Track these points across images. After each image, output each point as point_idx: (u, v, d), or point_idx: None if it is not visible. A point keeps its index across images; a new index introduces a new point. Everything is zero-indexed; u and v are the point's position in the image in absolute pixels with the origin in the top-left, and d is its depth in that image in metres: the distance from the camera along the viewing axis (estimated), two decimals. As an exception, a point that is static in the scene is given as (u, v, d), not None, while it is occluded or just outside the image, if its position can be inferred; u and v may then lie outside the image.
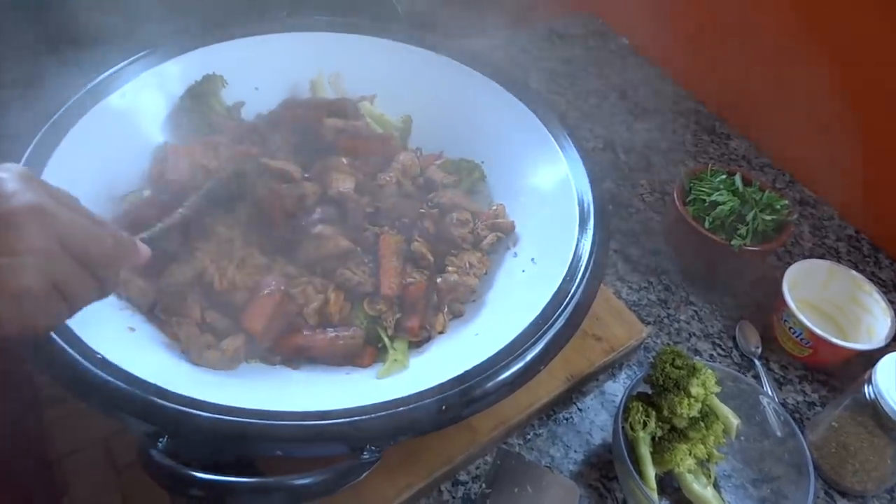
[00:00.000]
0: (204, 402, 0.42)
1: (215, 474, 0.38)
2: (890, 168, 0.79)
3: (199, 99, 0.66)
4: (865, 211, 0.82)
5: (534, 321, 0.49)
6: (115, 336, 0.48)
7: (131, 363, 0.43)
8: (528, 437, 0.59)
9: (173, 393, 0.42)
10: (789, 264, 0.68)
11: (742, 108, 0.93)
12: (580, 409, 0.61)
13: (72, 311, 0.36)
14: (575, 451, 0.58)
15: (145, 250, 0.42)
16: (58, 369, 0.42)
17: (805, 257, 0.74)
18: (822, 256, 0.78)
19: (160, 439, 0.40)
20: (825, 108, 0.82)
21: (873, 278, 0.77)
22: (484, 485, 0.55)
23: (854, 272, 0.69)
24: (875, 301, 0.67)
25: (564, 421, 0.60)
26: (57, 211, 0.35)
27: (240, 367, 0.51)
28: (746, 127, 0.93)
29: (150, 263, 0.43)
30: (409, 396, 0.44)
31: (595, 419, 0.60)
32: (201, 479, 0.38)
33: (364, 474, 0.41)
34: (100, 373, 0.42)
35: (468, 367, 0.46)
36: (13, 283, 0.33)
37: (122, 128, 0.61)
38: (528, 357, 0.47)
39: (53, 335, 0.43)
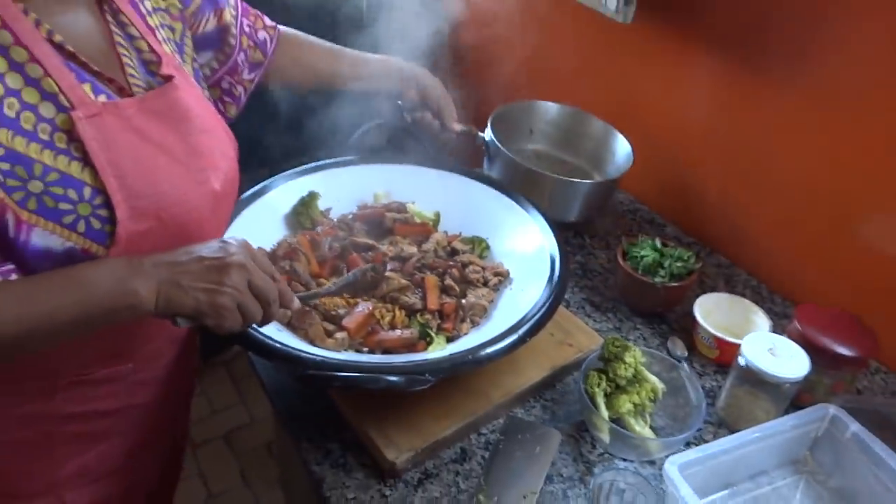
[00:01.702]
0: (329, 357, 0.75)
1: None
2: (777, 238, 1.13)
3: (305, 206, 1.05)
4: (760, 269, 1.16)
5: (516, 322, 0.82)
6: (273, 332, 0.81)
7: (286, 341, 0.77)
8: (527, 406, 0.89)
9: (309, 352, 0.75)
10: (702, 297, 1.01)
11: (674, 201, 1.30)
12: (559, 390, 0.92)
13: (245, 324, 0.67)
14: (557, 414, 0.88)
15: (297, 303, 0.76)
16: (253, 344, 0.76)
17: (721, 299, 1.07)
18: (732, 298, 1.10)
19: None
20: (731, 197, 1.19)
21: (770, 312, 1.08)
22: (498, 433, 0.85)
23: (746, 300, 1.02)
24: (760, 318, 0.99)
25: (550, 397, 0.90)
26: (252, 268, 0.66)
27: (343, 355, 0.84)
28: (677, 217, 1.30)
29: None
30: (446, 355, 0.77)
31: (569, 396, 0.91)
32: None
33: (426, 385, 0.73)
34: (275, 344, 0.76)
35: (479, 342, 0.79)
36: (218, 301, 0.64)
37: (266, 218, 0.98)
38: (508, 340, 0.79)
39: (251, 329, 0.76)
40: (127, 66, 0.70)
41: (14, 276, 0.60)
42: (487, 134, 1.18)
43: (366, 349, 0.85)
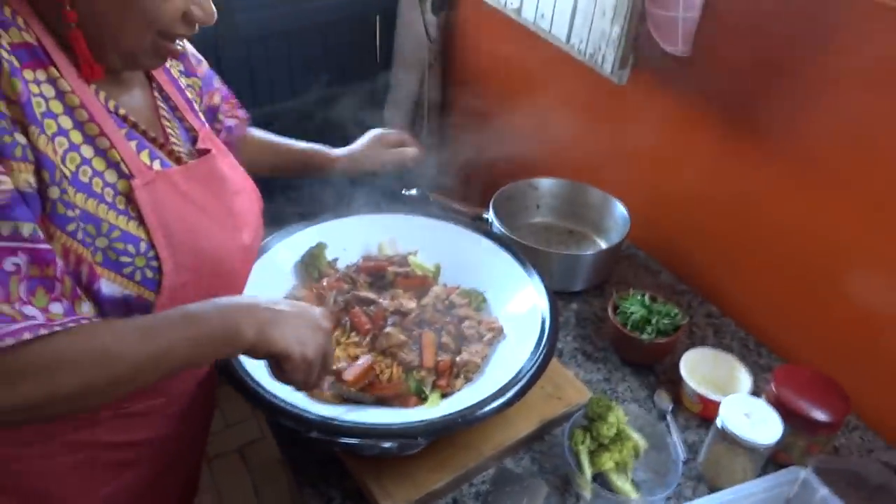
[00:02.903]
0: (335, 418, 0.81)
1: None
2: (764, 293, 1.18)
3: (313, 258, 1.11)
4: (751, 322, 1.21)
5: (506, 383, 0.88)
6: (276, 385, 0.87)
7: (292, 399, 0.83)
8: (516, 458, 0.95)
9: (311, 412, 0.81)
10: (687, 352, 1.06)
11: (668, 251, 1.35)
12: (548, 442, 0.97)
13: (307, 383, 0.75)
14: (545, 466, 0.94)
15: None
16: (262, 402, 0.82)
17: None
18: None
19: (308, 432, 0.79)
20: (721, 251, 1.24)
21: (755, 364, 1.13)
22: (489, 485, 0.91)
23: (731, 356, 1.06)
24: (743, 375, 1.04)
25: (538, 449, 0.96)
26: (328, 338, 0.76)
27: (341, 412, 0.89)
28: (671, 265, 1.35)
29: None
30: (441, 416, 0.83)
31: (557, 448, 0.96)
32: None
33: (417, 449, 0.79)
34: (279, 403, 0.82)
35: (472, 402, 0.85)
36: (306, 354, 0.71)
37: (277, 268, 1.05)
38: (500, 400, 0.85)
39: (260, 387, 0.83)
40: (170, 135, 0.80)
41: (96, 320, 0.66)
42: (490, 215, 1.24)
43: (370, 398, 0.91)
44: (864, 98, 0.96)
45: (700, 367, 1.06)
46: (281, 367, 0.72)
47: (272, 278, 1.04)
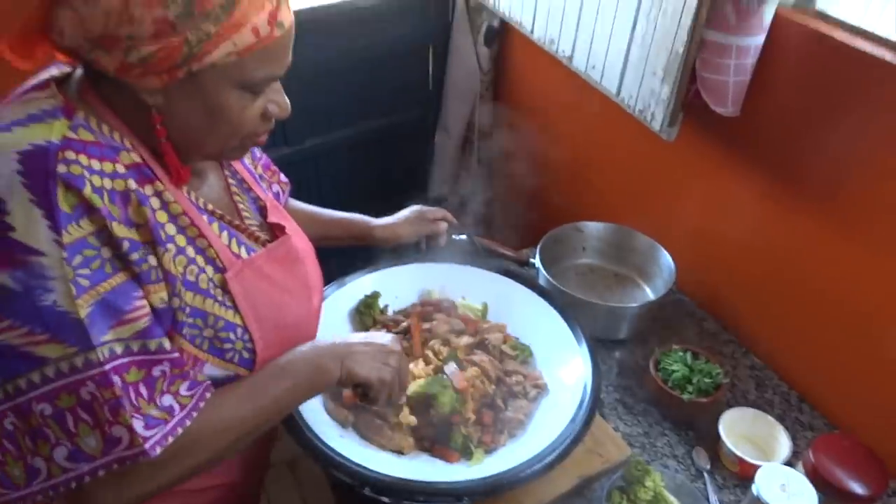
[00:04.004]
0: (387, 474, 0.87)
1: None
2: (807, 347, 1.19)
3: (366, 305, 1.18)
4: (794, 376, 1.22)
5: (550, 444, 0.93)
6: (333, 436, 0.94)
7: (347, 451, 0.90)
8: (556, 512, 1.00)
9: (370, 469, 0.88)
10: (730, 410, 1.09)
11: (713, 300, 1.37)
12: (586, 497, 1.02)
13: (390, 399, 0.87)
14: (583, 522, 0.98)
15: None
16: (316, 451, 0.89)
17: (749, 405, 1.14)
18: (760, 407, 1.15)
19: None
20: (765, 304, 1.25)
21: (795, 421, 1.15)
22: (528, 538, 0.96)
23: (770, 417, 1.08)
24: (783, 437, 1.06)
25: (578, 504, 1.01)
26: (405, 358, 0.86)
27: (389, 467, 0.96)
28: (716, 313, 1.36)
29: None
30: (485, 477, 0.88)
31: (596, 504, 1.01)
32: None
33: (464, 511, 0.85)
34: (334, 456, 0.89)
35: (514, 464, 0.90)
36: (384, 376, 0.83)
37: (334, 315, 1.12)
38: (543, 462, 0.90)
39: (314, 438, 0.90)
40: (242, 211, 0.85)
41: (209, 394, 0.73)
42: (536, 261, 1.28)
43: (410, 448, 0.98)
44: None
45: (739, 426, 1.08)
46: (365, 392, 0.85)
47: (330, 325, 1.11)
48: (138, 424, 0.65)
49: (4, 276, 0.59)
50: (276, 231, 0.88)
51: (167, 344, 0.68)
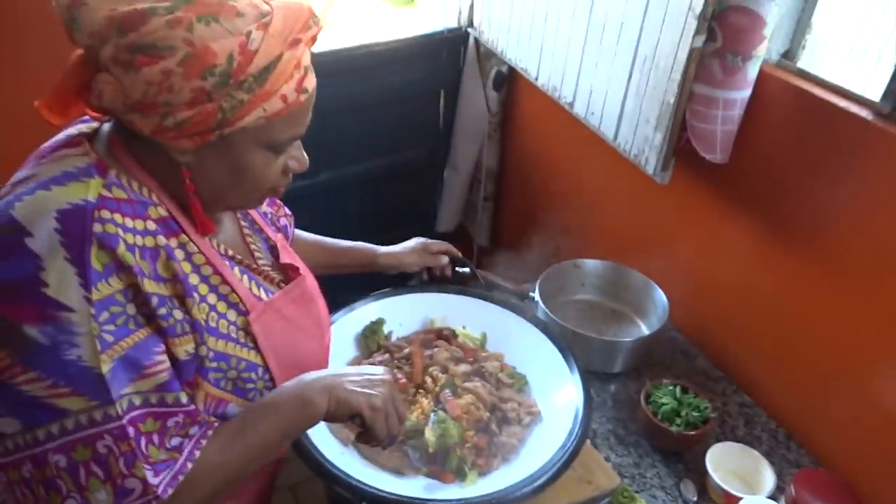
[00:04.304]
0: (384, 490, 0.92)
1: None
2: (795, 386, 1.23)
3: (371, 331, 1.24)
4: (782, 414, 1.26)
5: (539, 468, 0.97)
6: (334, 453, 0.99)
7: (347, 468, 0.95)
8: (545, 536, 1.03)
9: (368, 485, 0.93)
10: (720, 444, 1.13)
11: (705, 338, 1.42)
12: (577, 523, 1.05)
13: (389, 433, 0.83)
14: (572, 547, 1.02)
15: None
16: (317, 465, 0.94)
17: (738, 441, 1.17)
18: (749, 443, 1.19)
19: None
20: (754, 343, 1.30)
21: (782, 458, 1.18)
22: (518, 561, 1.00)
23: (756, 452, 1.12)
24: (767, 472, 1.09)
25: (567, 529, 1.04)
26: (396, 388, 0.85)
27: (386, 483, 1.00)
28: (708, 351, 1.41)
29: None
30: (478, 497, 0.93)
31: (585, 530, 1.04)
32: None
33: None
34: (334, 472, 0.94)
35: (504, 486, 0.94)
36: (375, 403, 0.79)
37: (341, 339, 1.17)
38: (532, 486, 0.94)
39: (316, 453, 0.95)
40: (255, 252, 0.87)
41: (210, 431, 0.73)
42: (536, 295, 1.35)
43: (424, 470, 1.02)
44: (891, 207, 1.02)
45: (727, 461, 1.12)
46: (362, 424, 0.82)
47: (336, 349, 1.17)
48: (150, 474, 0.66)
49: (35, 330, 0.61)
50: (288, 271, 0.90)
51: (184, 398, 0.70)
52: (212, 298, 0.74)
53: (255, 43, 0.63)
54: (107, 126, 0.74)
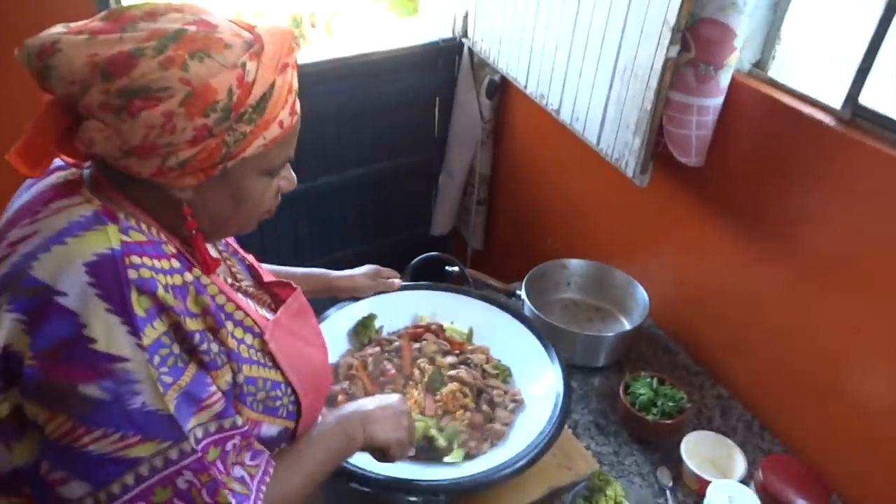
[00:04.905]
0: (372, 471, 0.98)
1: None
2: (769, 380, 1.29)
3: (363, 326, 1.30)
4: (757, 406, 1.31)
5: (520, 452, 1.03)
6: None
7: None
8: (526, 518, 1.09)
9: (357, 466, 0.99)
10: (693, 433, 1.19)
11: (686, 334, 1.47)
12: (556, 506, 1.11)
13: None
14: (551, 528, 1.08)
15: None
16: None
17: (714, 431, 1.23)
18: (725, 433, 1.25)
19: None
20: (732, 338, 1.36)
21: (756, 447, 1.24)
22: (500, 540, 1.05)
23: (729, 440, 1.18)
24: (739, 458, 1.15)
25: (547, 512, 1.10)
26: (410, 418, 0.94)
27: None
28: (688, 346, 1.47)
29: None
30: (462, 477, 0.99)
31: (564, 512, 1.10)
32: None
33: (440, 505, 0.95)
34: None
35: (492, 465, 1.01)
36: (401, 438, 0.89)
37: (334, 333, 1.24)
38: (513, 467, 1.00)
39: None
40: (237, 274, 0.86)
41: (271, 468, 0.76)
42: (522, 293, 1.41)
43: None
44: (861, 207, 1.08)
45: (702, 449, 1.18)
46: (383, 452, 0.91)
47: (330, 344, 1.23)
48: (231, 498, 0.67)
49: (92, 388, 0.59)
50: (273, 288, 0.90)
51: (239, 420, 0.71)
52: (230, 326, 0.73)
53: (252, 74, 0.63)
54: (88, 171, 0.70)
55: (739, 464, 1.14)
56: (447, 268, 1.48)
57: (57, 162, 0.70)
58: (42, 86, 0.62)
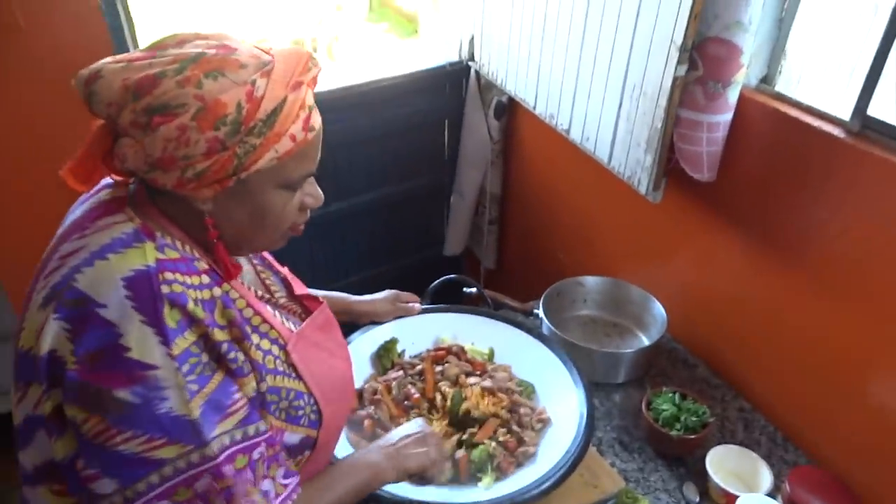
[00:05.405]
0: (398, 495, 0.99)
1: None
2: (790, 391, 1.29)
3: (385, 350, 1.31)
4: (779, 418, 1.31)
5: (545, 473, 1.04)
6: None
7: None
8: (555, 538, 1.09)
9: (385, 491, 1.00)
10: (719, 447, 1.19)
11: (704, 348, 1.48)
12: (585, 525, 1.11)
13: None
14: (581, 547, 1.08)
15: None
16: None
17: (738, 444, 1.23)
18: (748, 446, 1.25)
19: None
20: (751, 350, 1.36)
21: (780, 459, 1.24)
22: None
23: (754, 454, 1.18)
24: (765, 471, 1.15)
25: (576, 531, 1.10)
26: (439, 440, 0.98)
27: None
28: (707, 360, 1.47)
29: None
30: (488, 500, 1.00)
31: (593, 531, 1.10)
32: None
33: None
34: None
35: (520, 487, 1.01)
36: (428, 460, 0.95)
37: (357, 358, 1.24)
38: (540, 489, 1.01)
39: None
40: (271, 286, 0.91)
41: (300, 489, 0.79)
42: (540, 311, 1.43)
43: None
44: (872, 216, 1.09)
45: (727, 463, 1.18)
46: (421, 477, 0.95)
47: (353, 368, 1.25)
48: None
49: (125, 392, 0.64)
50: (304, 301, 0.94)
51: (263, 426, 0.74)
52: (255, 338, 0.77)
53: (261, 90, 0.67)
54: (132, 187, 0.77)
55: (765, 477, 1.14)
56: (465, 289, 1.50)
57: (107, 180, 0.76)
58: (90, 110, 0.68)
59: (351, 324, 1.30)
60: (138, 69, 0.66)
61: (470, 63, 2.02)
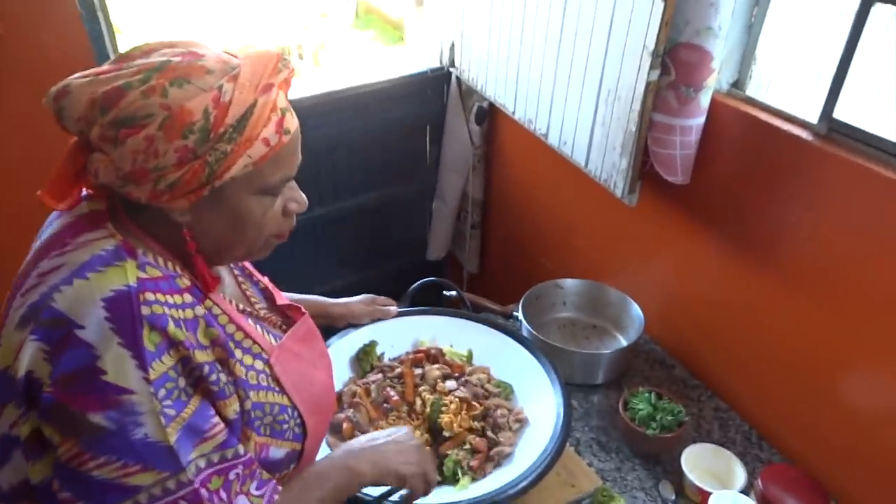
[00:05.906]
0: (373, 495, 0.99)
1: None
2: (765, 389, 1.31)
3: (365, 352, 1.32)
4: (754, 416, 1.33)
5: (523, 472, 1.05)
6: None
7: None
8: (533, 537, 1.10)
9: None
10: (695, 446, 1.21)
11: (682, 348, 1.50)
12: (562, 524, 1.12)
13: (428, 489, 0.93)
14: (558, 546, 1.09)
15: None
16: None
17: (713, 443, 1.25)
18: (724, 445, 1.27)
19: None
20: (727, 350, 1.38)
21: (755, 457, 1.26)
22: (507, 560, 1.06)
23: (728, 451, 1.20)
24: (739, 469, 1.17)
25: (553, 530, 1.11)
26: (426, 450, 0.95)
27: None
28: (684, 361, 1.49)
29: None
30: (466, 500, 1.00)
31: (570, 530, 1.11)
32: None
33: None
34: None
35: (497, 487, 1.02)
36: (411, 470, 0.88)
37: (336, 360, 1.24)
38: (517, 488, 1.02)
39: None
40: (251, 297, 0.89)
41: (276, 495, 0.77)
42: (519, 314, 1.44)
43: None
44: (839, 217, 1.11)
45: (702, 461, 1.20)
46: (402, 485, 0.91)
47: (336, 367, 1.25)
48: None
49: (99, 417, 0.62)
50: (284, 311, 0.93)
51: (241, 449, 0.73)
52: (238, 353, 0.76)
53: (228, 95, 0.65)
54: (111, 202, 0.75)
55: (739, 474, 1.16)
56: (445, 292, 1.51)
57: (85, 192, 0.75)
58: (61, 126, 0.68)
59: (328, 327, 1.31)
60: (104, 82, 0.65)
61: (451, 69, 2.04)
